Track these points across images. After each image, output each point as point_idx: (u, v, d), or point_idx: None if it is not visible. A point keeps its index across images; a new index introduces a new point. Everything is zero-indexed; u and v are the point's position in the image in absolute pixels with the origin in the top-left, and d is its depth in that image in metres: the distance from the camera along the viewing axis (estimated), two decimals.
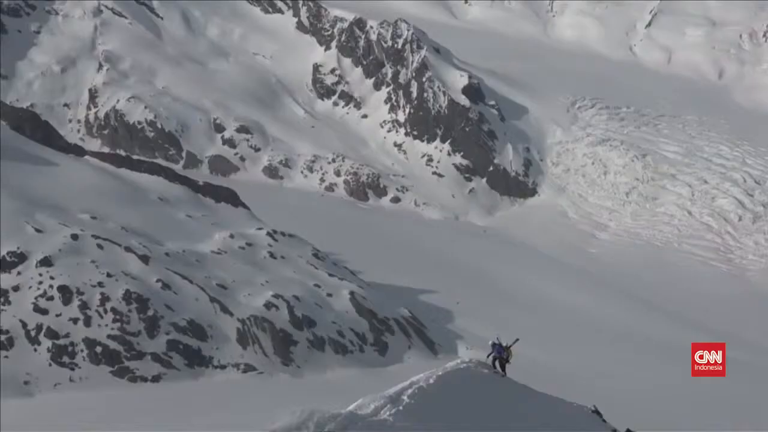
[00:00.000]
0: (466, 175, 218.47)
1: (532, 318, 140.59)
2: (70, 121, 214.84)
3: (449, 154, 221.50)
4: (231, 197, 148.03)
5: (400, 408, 33.45)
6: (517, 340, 46.45)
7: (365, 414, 32.32)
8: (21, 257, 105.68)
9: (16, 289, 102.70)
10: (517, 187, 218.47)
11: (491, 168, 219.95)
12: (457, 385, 39.71)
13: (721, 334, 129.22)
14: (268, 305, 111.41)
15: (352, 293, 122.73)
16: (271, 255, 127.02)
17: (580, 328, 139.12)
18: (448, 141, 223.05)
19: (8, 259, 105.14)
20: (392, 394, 35.40)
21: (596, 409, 44.10)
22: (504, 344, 45.00)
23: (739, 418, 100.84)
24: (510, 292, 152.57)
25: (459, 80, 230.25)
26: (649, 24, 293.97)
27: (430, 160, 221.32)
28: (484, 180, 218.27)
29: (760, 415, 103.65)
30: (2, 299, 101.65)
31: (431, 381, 38.53)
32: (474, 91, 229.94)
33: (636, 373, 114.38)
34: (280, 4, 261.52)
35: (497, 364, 44.46)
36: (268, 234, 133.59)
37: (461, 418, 35.95)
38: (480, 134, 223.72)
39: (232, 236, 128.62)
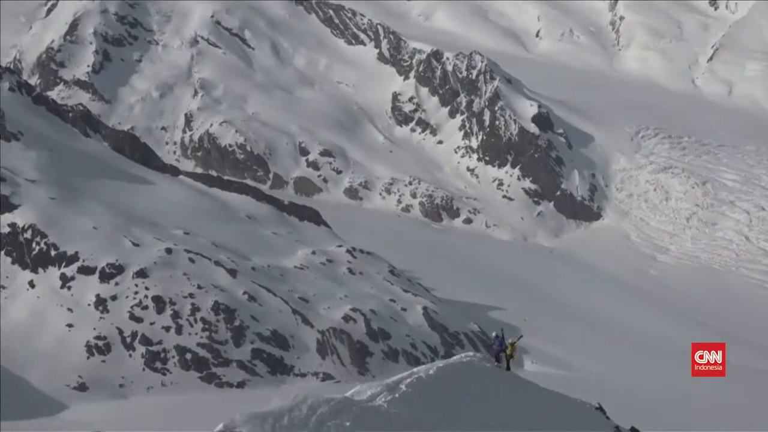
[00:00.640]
0: (535, 199, 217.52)
1: (594, 335, 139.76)
2: (167, 143, 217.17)
3: (519, 179, 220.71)
4: (314, 216, 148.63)
5: (396, 396, 32.81)
6: (521, 336, 45.84)
7: (360, 400, 31.73)
8: (119, 269, 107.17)
9: (113, 298, 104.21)
10: (582, 211, 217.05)
11: (558, 192, 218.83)
12: (457, 377, 38.67)
13: None
14: (347, 318, 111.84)
15: (425, 308, 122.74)
16: (350, 271, 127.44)
17: (639, 345, 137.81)
18: (518, 166, 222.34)
19: (107, 270, 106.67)
20: (390, 383, 34.71)
21: (600, 406, 43.19)
22: (510, 340, 44.28)
23: None
24: (574, 310, 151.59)
25: (529, 109, 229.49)
26: (711, 58, 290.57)
27: (501, 184, 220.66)
28: (552, 204, 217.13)
29: None
30: (101, 308, 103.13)
31: (431, 372, 37.70)
32: (543, 119, 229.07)
33: (692, 391, 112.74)
34: (362, 37, 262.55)
35: (502, 357, 43.75)
36: (348, 251, 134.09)
37: (457, 408, 34.85)
38: (548, 160, 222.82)
39: (314, 253, 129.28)
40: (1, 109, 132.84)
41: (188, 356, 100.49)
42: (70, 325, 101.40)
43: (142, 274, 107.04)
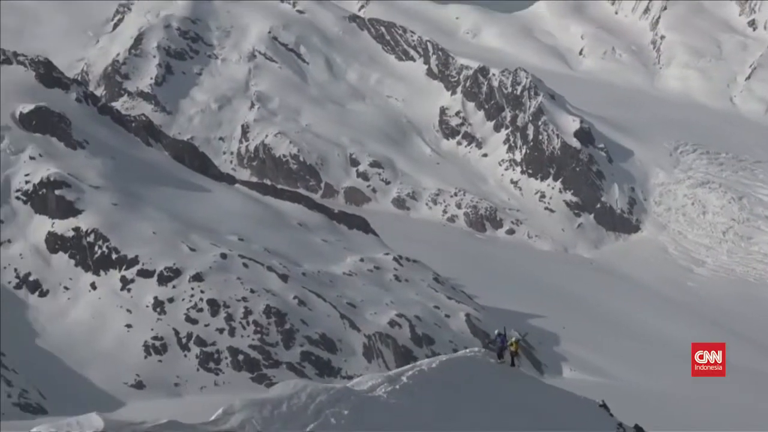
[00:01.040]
0: (576, 211, 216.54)
1: (632, 344, 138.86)
2: (224, 153, 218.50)
3: (560, 192, 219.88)
4: (362, 225, 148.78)
5: (397, 387, 32.16)
6: (527, 334, 45.35)
7: (360, 390, 31.25)
8: (176, 272, 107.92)
9: (170, 300, 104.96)
10: (621, 223, 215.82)
11: (599, 205, 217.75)
12: (459, 371, 37.69)
13: None
14: (392, 323, 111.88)
15: (467, 315, 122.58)
16: (396, 278, 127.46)
17: (675, 355, 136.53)
18: (560, 179, 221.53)
19: (165, 273, 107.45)
20: (392, 374, 34.08)
21: (604, 404, 42.47)
22: (514, 338, 43.46)
23: None
24: (612, 320, 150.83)
25: (572, 124, 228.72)
26: (749, 77, 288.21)
27: (543, 196, 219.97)
28: (592, 216, 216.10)
29: None
30: (159, 309, 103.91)
31: (434, 365, 36.83)
32: (585, 134, 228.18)
33: (723, 400, 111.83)
34: (412, 53, 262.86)
35: (505, 354, 42.30)
36: (394, 259, 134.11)
37: (457, 402, 33.86)
38: (589, 174, 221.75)
39: (362, 260, 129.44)
40: (68, 118, 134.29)
41: (240, 357, 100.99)
42: (129, 326, 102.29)
43: (198, 277, 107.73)
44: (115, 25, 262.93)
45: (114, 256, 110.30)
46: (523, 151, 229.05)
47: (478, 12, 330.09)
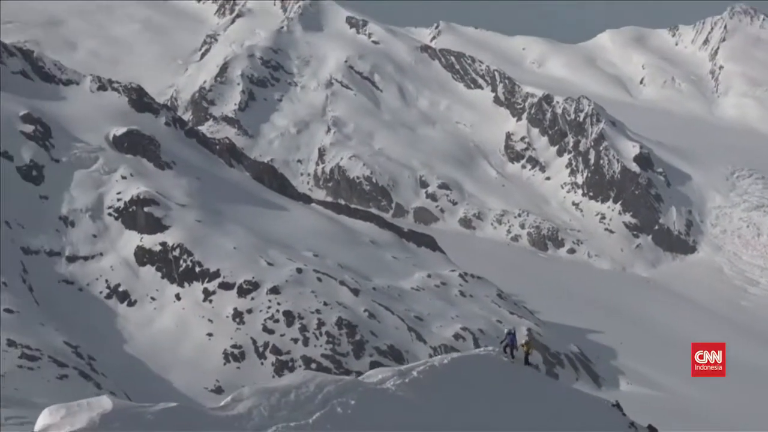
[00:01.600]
0: (634, 233, 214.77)
1: (687, 360, 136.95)
2: (302, 174, 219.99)
3: (620, 213, 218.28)
4: (430, 243, 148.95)
5: (406, 380, 31.17)
6: (529, 330, 44.34)
7: (369, 382, 30.49)
8: (255, 285, 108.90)
9: (249, 311, 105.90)
10: (678, 244, 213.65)
11: (656, 227, 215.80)
12: (471, 368, 36.36)
13: None
14: (457, 336, 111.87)
15: (529, 330, 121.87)
16: (462, 293, 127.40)
17: (729, 372, 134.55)
18: (620, 202, 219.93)
19: (244, 286, 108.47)
20: (403, 369, 33.12)
21: (617, 404, 41.57)
22: (525, 338, 42.73)
23: None
24: (668, 336, 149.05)
25: (631, 150, 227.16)
26: None
27: (603, 217, 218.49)
28: (650, 237, 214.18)
29: None
30: (238, 320, 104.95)
31: (445, 361, 35.63)
32: (644, 159, 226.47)
33: None
34: (480, 81, 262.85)
35: (515, 352, 41.54)
36: (460, 275, 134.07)
37: (466, 398, 32.53)
38: (648, 197, 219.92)
39: (429, 276, 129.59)
40: (158, 141, 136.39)
41: (313, 366, 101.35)
42: (210, 335, 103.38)
43: (275, 290, 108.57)
44: (203, 55, 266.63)
45: (197, 269, 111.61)
46: (585, 174, 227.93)
47: (544, 43, 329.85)
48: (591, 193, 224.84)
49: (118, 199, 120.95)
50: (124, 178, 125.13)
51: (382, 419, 27.31)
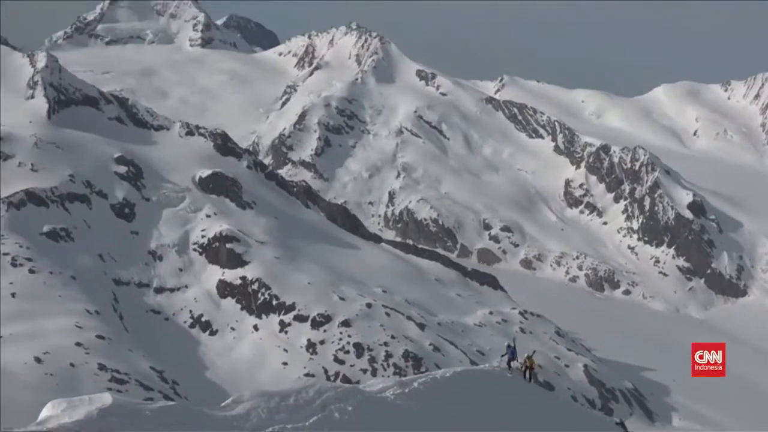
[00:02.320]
0: (687, 276, 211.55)
1: (738, 398, 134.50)
2: (373, 215, 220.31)
3: (674, 258, 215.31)
4: (492, 282, 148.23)
5: (406, 391, 29.95)
6: (534, 352, 42.89)
7: (369, 391, 29.31)
8: (327, 318, 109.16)
9: (321, 342, 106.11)
10: (730, 288, 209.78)
11: (709, 271, 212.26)
12: (472, 383, 34.89)
13: None
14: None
15: (585, 366, 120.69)
16: (522, 330, 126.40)
17: None
18: (674, 247, 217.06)
19: (317, 319, 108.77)
20: (404, 380, 31.72)
21: (621, 422, 39.89)
22: (527, 355, 41.27)
23: None
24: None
25: (685, 198, 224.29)
26: None
27: (657, 261, 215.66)
28: (702, 280, 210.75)
29: None
30: (311, 350, 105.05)
31: (447, 375, 34.19)
32: (697, 206, 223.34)
33: None
34: (541, 131, 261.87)
35: (513, 365, 39.66)
36: (520, 313, 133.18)
37: (464, 409, 31.16)
38: (700, 242, 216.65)
39: (491, 313, 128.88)
40: (240, 182, 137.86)
41: None
42: (285, 363, 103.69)
43: (346, 323, 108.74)
44: (283, 104, 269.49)
45: (274, 302, 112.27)
46: (640, 220, 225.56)
47: (602, 96, 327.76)
48: (646, 238, 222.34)
49: (203, 236, 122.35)
50: (208, 216, 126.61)
51: (378, 426, 26.36)
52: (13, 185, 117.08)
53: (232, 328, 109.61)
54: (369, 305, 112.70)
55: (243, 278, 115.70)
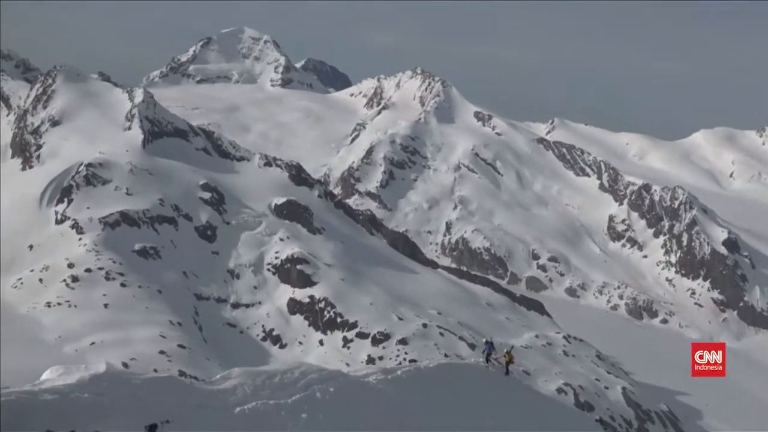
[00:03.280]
0: (721, 307, 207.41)
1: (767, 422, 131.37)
2: (431, 243, 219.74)
3: (708, 290, 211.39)
4: (539, 308, 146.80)
5: (389, 377, 29.34)
6: (513, 347, 42.14)
7: (353, 375, 28.74)
8: (386, 336, 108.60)
9: (380, 358, 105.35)
10: (761, 320, 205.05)
11: (741, 303, 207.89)
12: (454, 374, 34.10)
13: None
14: (559, 390, 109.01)
15: (623, 388, 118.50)
16: (565, 353, 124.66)
17: None
18: (709, 280, 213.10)
19: (377, 336, 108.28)
20: (389, 368, 31.19)
21: (601, 419, 38.40)
22: (506, 350, 40.49)
23: None
24: (750, 401, 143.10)
25: (720, 235, 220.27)
26: None
27: (693, 293, 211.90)
28: (735, 312, 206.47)
29: None
30: (371, 365, 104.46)
31: (431, 365, 33.60)
32: (732, 243, 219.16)
33: None
34: (588, 170, 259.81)
35: (491, 360, 39.64)
36: (564, 337, 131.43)
37: (442, 397, 30.23)
38: (734, 277, 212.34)
39: (537, 336, 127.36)
40: (311, 210, 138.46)
41: None
42: None
43: (403, 341, 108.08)
44: (353, 140, 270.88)
45: (339, 320, 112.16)
46: (678, 254, 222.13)
47: (645, 139, 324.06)
48: (683, 271, 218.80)
49: (276, 258, 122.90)
50: (281, 240, 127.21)
51: (358, 407, 25.81)
52: (110, 207, 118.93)
53: (300, 342, 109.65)
54: (425, 325, 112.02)
55: (311, 297, 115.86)
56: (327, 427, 23.13)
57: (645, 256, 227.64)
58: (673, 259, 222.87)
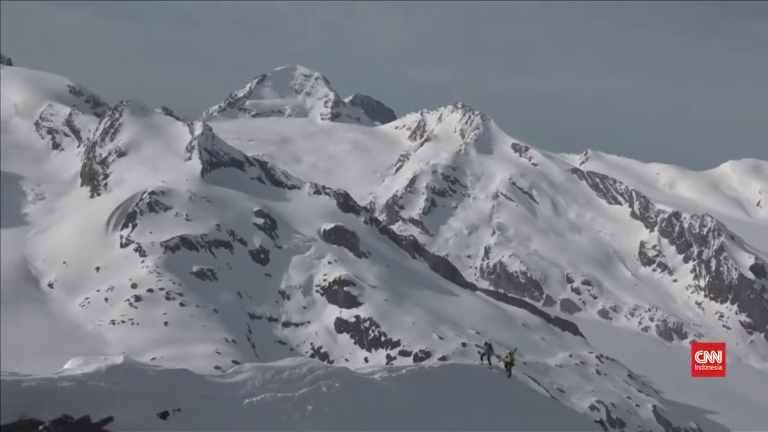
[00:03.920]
0: (748, 330, 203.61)
1: None
2: (470, 267, 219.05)
3: (736, 313, 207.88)
4: (572, 329, 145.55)
5: (394, 375, 29.10)
6: (516, 349, 41.39)
7: (359, 372, 28.35)
8: (427, 354, 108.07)
9: None
10: None
11: None
12: (458, 374, 33.64)
13: None
14: (592, 407, 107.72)
15: (654, 406, 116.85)
16: (597, 372, 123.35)
17: None
18: (736, 304, 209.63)
19: (419, 354, 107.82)
20: (394, 367, 30.56)
21: (601, 420, 37.44)
22: (508, 351, 39.70)
23: None
24: None
25: (747, 260, 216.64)
26: None
27: (722, 316, 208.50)
28: (762, 335, 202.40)
29: None
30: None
31: (435, 366, 33.08)
32: (759, 269, 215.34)
33: None
34: (620, 198, 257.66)
35: (490, 359, 39.01)
36: (597, 357, 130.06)
37: (445, 395, 29.81)
38: (761, 300, 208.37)
39: (570, 356, 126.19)
40: (358, 235, 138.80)
41: None
42: None
43: (443, 359, 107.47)
44: (397, 170, 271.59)
45: (383, 338, 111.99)
46: (707, 279, 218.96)
47: (675, 169, 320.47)
48: (712, 295, 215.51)
49: (324, 280, 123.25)
50: (329, 263, 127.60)
51: (361, 401, 25.68)
52: (170, 232, 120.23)
53: (346, 359, 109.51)
54: (464, 344, 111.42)
55: (357, 317, 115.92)
56: (331, 419, 23.25)
57: (675, 281, 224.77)
58: (702, 283, 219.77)
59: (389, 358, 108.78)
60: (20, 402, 17.55)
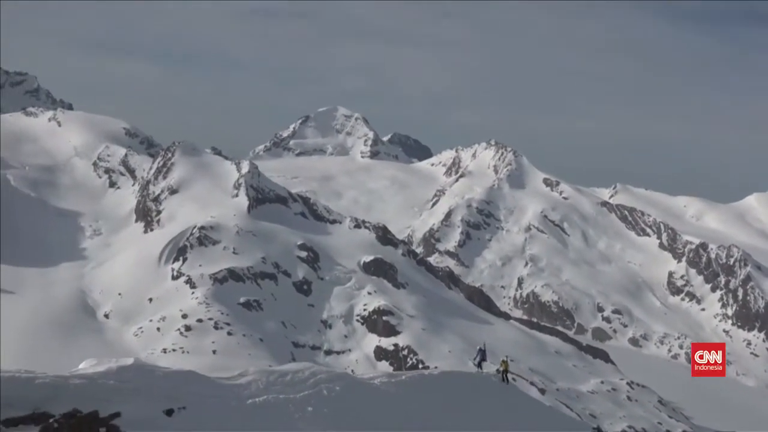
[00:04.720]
0: None
1: None
2: (504, 297, 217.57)
3: (763, 341, 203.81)
4: (604, 356, 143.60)
5: (392, 380, 28.85)
6: (508, 356, 40.26)
7: (359, 377, 28.25)
8: None
9: None
10: None
11: None
12: (457, 381, 33.20)
13: None
14: None
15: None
16: (628, 398, 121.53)
17: None
18: (764, 331, 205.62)
19: None
20: (394, 373, 30.31)
21: (598, 427, 36.26)
22: (503, 359, 38.69)
23: None
24: None
25: None
26: None
27: (749, 344, 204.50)
28: None
29: None
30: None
31: (435, 372, 32.82)
32: None
33: None
34: (648, 230, 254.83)
35: (482, 364, 38.51)
36: (628, 383, 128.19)
37: (444, 400, 29.20)
38: None
39: (602, 382, 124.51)
40: (396, 267, 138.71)
41: None
42: None
43: None
44: (433, 204, 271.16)
45: (420, 366, 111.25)
46: (734, 308, 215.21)
47: (702, 202, 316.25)
48: (739, 323, 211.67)
49: (364, 309, 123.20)
50: (369, 293, 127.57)
51: (360, 404, 25.65)
52: (218, 264, 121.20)
53: None
54: (498, 371, 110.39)
55: (395, 345, 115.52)
56: (330, 420, 23.35)
57: (703, 309, 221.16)
58: (730, 312, 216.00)
59: None
60: (34, 397, 18.22)
